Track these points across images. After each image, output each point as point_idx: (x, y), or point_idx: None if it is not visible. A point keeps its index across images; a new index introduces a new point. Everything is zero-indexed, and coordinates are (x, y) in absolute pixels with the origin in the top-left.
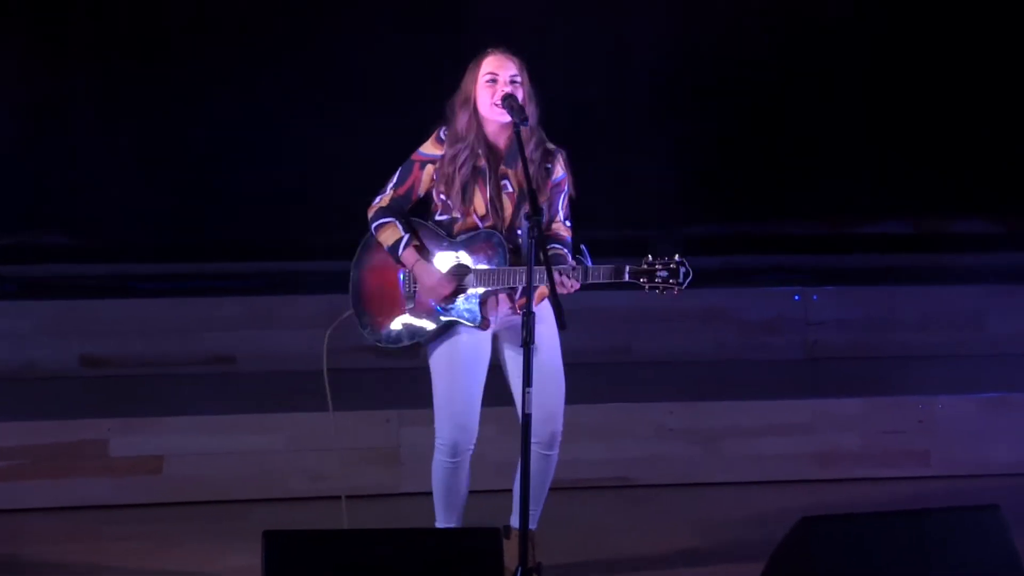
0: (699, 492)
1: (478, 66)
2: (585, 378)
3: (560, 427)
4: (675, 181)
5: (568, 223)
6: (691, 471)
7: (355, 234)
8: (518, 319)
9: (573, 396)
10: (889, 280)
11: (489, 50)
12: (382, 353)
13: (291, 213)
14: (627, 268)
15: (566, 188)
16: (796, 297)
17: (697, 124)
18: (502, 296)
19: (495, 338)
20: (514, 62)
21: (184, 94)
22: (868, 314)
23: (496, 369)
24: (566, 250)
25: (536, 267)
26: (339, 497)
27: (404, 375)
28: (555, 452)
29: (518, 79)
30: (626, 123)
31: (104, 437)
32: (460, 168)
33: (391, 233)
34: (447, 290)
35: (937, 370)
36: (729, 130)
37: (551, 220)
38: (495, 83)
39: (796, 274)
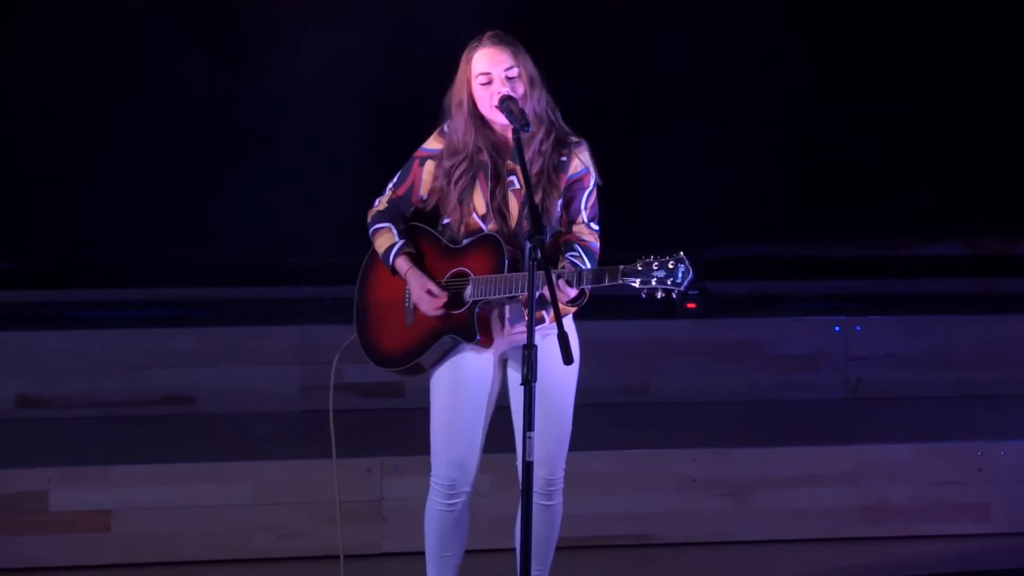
0: (727, 551)
1: (469, 63)
2: (597, 421)
3: (560, 473)
4: (698, 196)
5: (594, 225)
6: (718, 527)
7: (333, 255)
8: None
9: (583, 442)
10: (943, 309)
11: (478, 43)
12: (364, 392)
13: (258, 232)
14: (620, 269)
15: (591, 184)
16: (837, 328)
17: (722, 133)
18: (515, 307)
19: (505, 363)
20: (507, 52)
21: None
22: (919, 348)
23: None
24: (585, 257)
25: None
26: (318, 557)
27: (388, 417)
28: (556, 502)
29: (514, 72)
30: (644, 131)
31: (43, 489)
32: (456, 182)
33: (385, 239)
34: (439, 301)
35: (998, 412)
36: (759, 140)
37: (571, 222)
38: (490, 84)
39: (837, 302)
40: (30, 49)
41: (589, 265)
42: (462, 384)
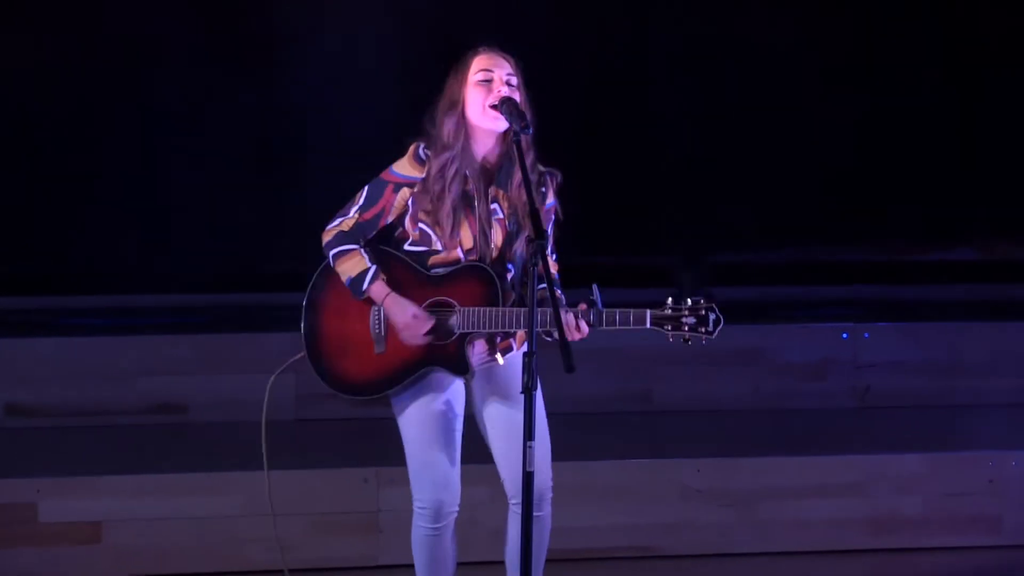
0: (731, 564)
1: (466, 66)
2: (598, 430)
3: (549, 483)
4: (701, 201)
5: (555, 256)
6: (722, 539)
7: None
8: (493, 362)
9: (585, 452)
10: (954, 315)
11: (479, 48)
12: (359, 401)
13: (250, 237)
14: (648, 314)
15: (554, 217)
16: (844, 335)
17: (725, 136)
18: (479, 338)
19: (466, 382)
20: (510, 61)
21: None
22: (929, 355)
23: (468, 420)
24: (559, 290)
25: (537, 309)
26: (312, 569)
27: (385, 427)
28: (546, 512)
29: (515, 80)
30: (646, 134)
31: (33, 500)
32: (451, 183)
33: (355, 263)
34: (425, 327)
35: (1010, 421)
36: (762, 142)
37: None
38: (489, 83)
39: (844, 308)
40: (31, 49)
41: (561, 293)
42: (432, 408)
